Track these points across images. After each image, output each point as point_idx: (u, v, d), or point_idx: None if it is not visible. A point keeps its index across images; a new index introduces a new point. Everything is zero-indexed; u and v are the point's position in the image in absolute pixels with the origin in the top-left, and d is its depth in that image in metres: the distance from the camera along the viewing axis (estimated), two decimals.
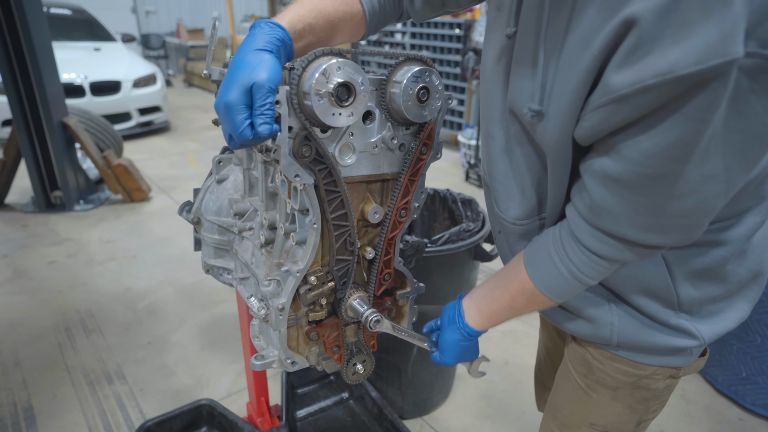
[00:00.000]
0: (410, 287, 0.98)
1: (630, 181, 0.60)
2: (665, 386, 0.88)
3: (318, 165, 0.76)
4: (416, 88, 0.76)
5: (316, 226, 0.80)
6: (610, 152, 0.61)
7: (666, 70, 0.49)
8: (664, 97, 0.52)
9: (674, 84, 0.49)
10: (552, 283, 0.76)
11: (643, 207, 0.62)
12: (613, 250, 0.68)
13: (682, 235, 0.65)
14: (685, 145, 0.54)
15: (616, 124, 0.58)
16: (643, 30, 0.51)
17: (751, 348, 1.93)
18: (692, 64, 0.48)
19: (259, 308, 0.86)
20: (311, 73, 0.69)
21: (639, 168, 0.58)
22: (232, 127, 0.67)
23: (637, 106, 0.54)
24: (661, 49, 0.49)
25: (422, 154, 0.85)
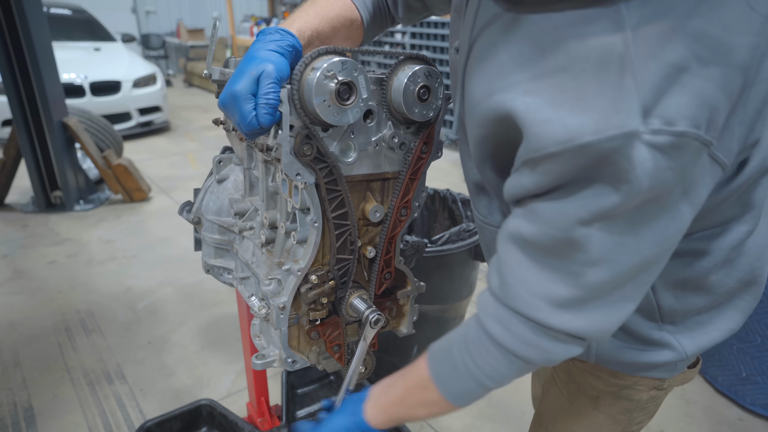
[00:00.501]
0: (411, 286, 0.98)
1: (543, 244, 0.59)
2: (649, 398, 0.85)
3: (319, 164, 0.76)
4: (417, 86, 0.76)
5: (317, 225, 0.80)
6: (528, 214, 0.60)
7: (566, 138, 0.51)
8: (571, 166, 0.52)
9: (577, 153, 0.51)
10: (448, 378, 0.69)
11: (557, 274, 0.59)
12: (516, 340, 0.63)
13: (601, 317, 0.61)
14: (598, 210, 0.54)
15: (532, 186, 0.57)
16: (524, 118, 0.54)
17: (751, 348, 1.93)
18: (590, 133, 0.50)
19: (260, 307, 0.86)
20: (313, 71, 0.69)
21: (552, 230, 0.57)
22: (240, 115, 0.69)
23: (546, 172, 0.55)
24: (561, 119, 0.51)
25: (423, 152, 0.85)
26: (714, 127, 0.50)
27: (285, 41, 0.73)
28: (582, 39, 0.51)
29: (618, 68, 0.49)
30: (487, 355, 0.65)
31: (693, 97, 0.49)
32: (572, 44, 0.52)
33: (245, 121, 0.69)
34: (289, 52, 0.72)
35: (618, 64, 0.49)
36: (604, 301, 0.60)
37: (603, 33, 0.50)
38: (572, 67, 0.52)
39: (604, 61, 0.50)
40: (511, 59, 0.58)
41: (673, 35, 0.48)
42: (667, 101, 0.48)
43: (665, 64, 0.48)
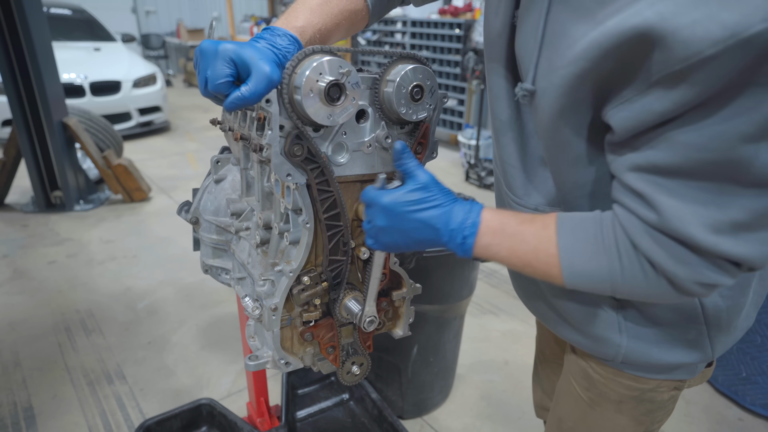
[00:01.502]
0: (406, 288, 0.97)
1: (691, 170, 0.52)
2: (669, 397, 0.86)
3: (310, 164, 0.76)
4: (410, 86, 0.76)
5: (309, 226, 0.80)
6: (658, 144, 0.53)
7: (727, 35, 0.44)
8: (734, 69, 0.45)
9: (742, 49, 0.44)
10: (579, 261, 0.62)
11: (711, 197, 0.53)
12: (673, 261, 0.57)
13: (761, 242, 0.54)
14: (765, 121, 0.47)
15: (670, 107, 0.50)
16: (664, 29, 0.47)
17: (751, 348, 1.92)
18: (760, 21, 0.43)
19: (254, 308, 0.86)
20: (302, 71, 0.69)
21: (701, 154, 0.50)
22: (214, 72, 0.67)
23: (696, 83, 0.47)
24: (714, 16, 0.44)
25: (417, 153, 0.85)
26: None
27: (290, 51, 0.72)
28: None
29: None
30: (636, 264, 0.60)
31: None
32: None
33: (216, 80, 0.67)
34: (285, 57, 0.72)
35: None
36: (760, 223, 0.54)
37: None
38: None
39: None
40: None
41: None
42: None
43: None
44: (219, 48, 0.67)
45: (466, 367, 2.23)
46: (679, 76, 0.48)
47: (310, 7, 0.81)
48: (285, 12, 0.82)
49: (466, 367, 2.23)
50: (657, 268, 0.59)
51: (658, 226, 0.57)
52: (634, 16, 0.49)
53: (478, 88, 5.04)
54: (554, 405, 1.00)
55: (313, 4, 0.82)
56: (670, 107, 0.50)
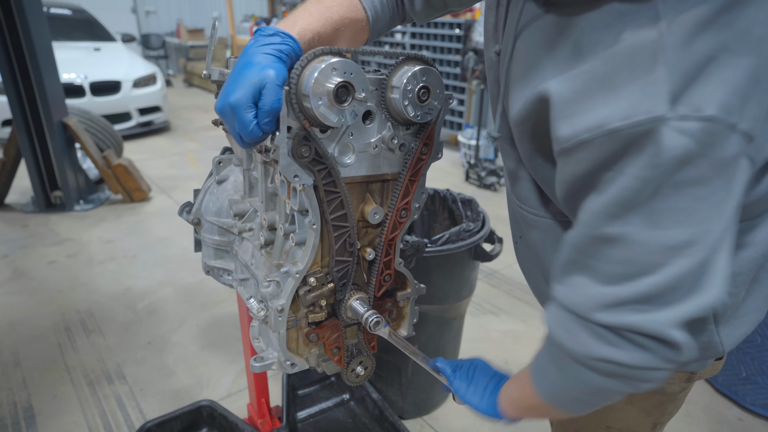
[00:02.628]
0: (411, 288, 0.97)
1: (583, 246, 0.60)
2: (681, 389, 0.87)
3: (317, 165, 0.76)
4: (417, 87, 0.76)
5: (316, 227, 0.80)
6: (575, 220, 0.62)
7: (596, 125, 0.53)
8: (601, 153, 0.54)
9: (606, 139, 0.53)
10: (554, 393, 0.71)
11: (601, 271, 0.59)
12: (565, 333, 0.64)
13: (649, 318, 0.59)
14: (625, 203, 0.54)
15: (568, 179, 0.59)
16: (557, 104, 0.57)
17: (751, 348, 1.92)
18: (619, 119, 0.52)
19: (259, 309, 0.86)
20: (310, 72, 0.69)
21: (590, 230, 0.58)
22: (241, 125, 0.68)
23: (579, 161, 0.56)
24: (594, 108, 0.54)
25: (423, 154, 0.85)
26: (749, 117, 0.51)
27: (285, 45, 0.71)
28: (618, 35, 0.54)
29: (651, 56, 0.51)
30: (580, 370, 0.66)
31: (724, 85, 0.50)
32: (609, 41, 0.54)
33: (247, 130, 0.68)
34: (288, 56, 0.71)
35: (651, 52, 0.51)
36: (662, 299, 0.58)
37: (639, 27, 0.52)
38: (610, 62, 0.54)
39: (637, 50, 0.52)
40: (552, 62, 0.61)
41: (705, 26, 0.50)
42: (696, 88, 0.50)
43: (697, 53, 0.50)
44: (231, 102, 0.67)
45: None
46: (568, 152, 0.57)
47: (309, 12, 0.81)
48: (285, 18, 0.82)
49: None
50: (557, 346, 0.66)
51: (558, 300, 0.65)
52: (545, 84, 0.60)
53: (478, 88, 5.04)
54: None
55: (313, 9, 0.82)
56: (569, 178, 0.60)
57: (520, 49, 0.68)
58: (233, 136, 0.71)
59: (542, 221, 0.82)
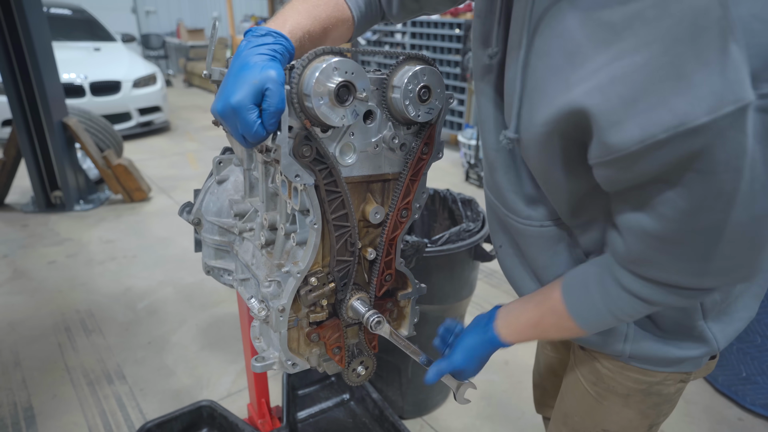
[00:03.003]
0: (412, 288, 0.97)
1: (674, 238, 0.58)
2: (676, 390, 0.88)
3: (318, 165, 0.76)
4: (417, 87, 0.76)
5: (317, 227, 0.80)
6: (644, 208, 0.58)
7: (676, 123, 0.47)
8: (680, 152, 0.49)
9: (687, 137, 0.48)
10: (585, 313, 0.72)
11: (692, 255, 0.59)
12: (663, 295, 0.65)
13: (743, 271, 0.62)
14: (724, 195, 0.52)
15: (634, 177, 0.55)
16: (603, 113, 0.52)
17: (751, 348, 1.92)
18: (704, 113, 0.46)
19: (260, 309, 0.86)
20: (311, 72, 0.69)
21: (680, 225, 0.56)
22: (245, 126, 0.67)
23: (652, 162, 0.51)
24: (664, 102, 0.48)
25: (423, 153, 0.85)
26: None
27: (279, 45, 0.71)
28: (665, 5, 0.47)
29: (719, 34, 0.45)
30: (628, 302, 0.67)
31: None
32: (650, 13, 0.47)
33: (251, 131, 0.67)
34: (282, 56, 0.71)
35: (718, 29, 0.45)
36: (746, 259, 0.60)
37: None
38: (661, 39, 0.47)
39: (701, 28, 0.45)
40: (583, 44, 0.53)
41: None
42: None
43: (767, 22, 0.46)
44: (233, 103, 0.66)
45: None
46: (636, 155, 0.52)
47: (297, 11, 0.82)
48: (273, 17, 0.82)
49: None
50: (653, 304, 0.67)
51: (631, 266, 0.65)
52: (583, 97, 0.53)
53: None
54: (559, 401, 1.01)
55: (300, 8, 0.82)
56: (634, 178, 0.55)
57: (540, 46, 0.61)
58: (235, 137, 0.71)
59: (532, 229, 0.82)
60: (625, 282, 0.66)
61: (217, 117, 0.71)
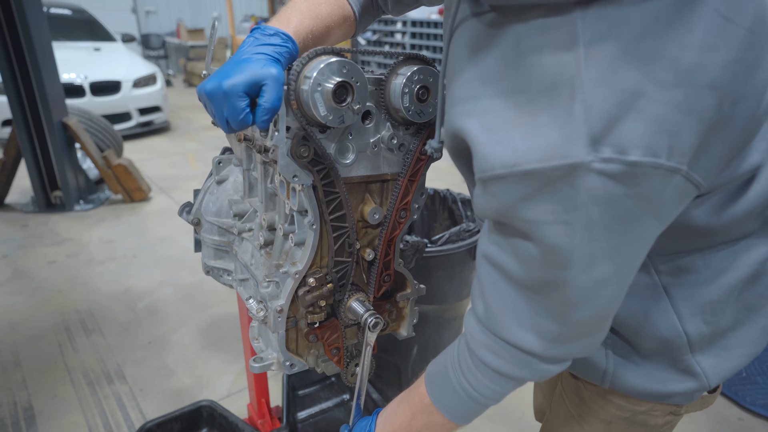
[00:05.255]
0: (411, 289, 0.97)
1: (527, 282, 0.57)
2: (665, 422, 0.81)
3: (316, 165, 0.76)
4: (416, 87, 0.76)
5: (315, 227, 0.79)
6: (502, 243, 0.58)
7: (512, 162, 0.50)
8: (516, 191, 0.51)
9: (521, 179, 0.50)
10: (449, 402, 0.69)
11: (543, 311, 0.58)
12: (509, 364, 0.63)
13: (586, 344, 0.62)
14: (558, 249, 0.52)
15: (487, 207, 0.56)
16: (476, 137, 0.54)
17: None
18: (536, 161, 0.49)
19: (258, 310, 0.86)
20: (309, 72, 0.69)
21: (530, 271, 0.56)
22: (232, 112, 0.67)
23: (495, 194, 0.54)
24: (511, 142, 0.51)
25: (422, 154, 0.85)
26: (679, 152, 0.47)
27: (285, 48, 0.72)
28: (539, 53, 0.49)
29: (569, 93, 0.47)
30: (483, 378, 0.66)
31: (649, 124, 0.46)
32: (530, 60, 0.50)
33: (237, 118, 0.67)
34: (286, 59, 0.71)
35: (569, 88, 0.47)
36: (589, 329, 0.60)
37: (558, 48, 0.48)
38: (529, 89, 0.50)
39: (557, 84, 0.48)
40: (477, 72, 0.57)
41: (625, 57, 0.45)
42: (619, 129, 0.46)
43: (617, 89, 0.46)
44: (225, 87, 0.66)
45: None
46: (485, 182, 0.54)
47: (300, 10, 0.81)
48: (276, 15, 0.82)
49: None
50: (502, 376, 0.65)
51: (486, 325, 0.63)
52: (464, 117, 0.56)
53: None
54: (548, 415, 0.98)
55: (303, 7, 0.82)
56: (487, 207, 0.56)
57: (452, 54, 0.63)
58: (218, 120, 0.70)
59: None
60: (477, 350, 0.65)
61: (203, 97, 0.70)
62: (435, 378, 0.72)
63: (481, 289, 0.64)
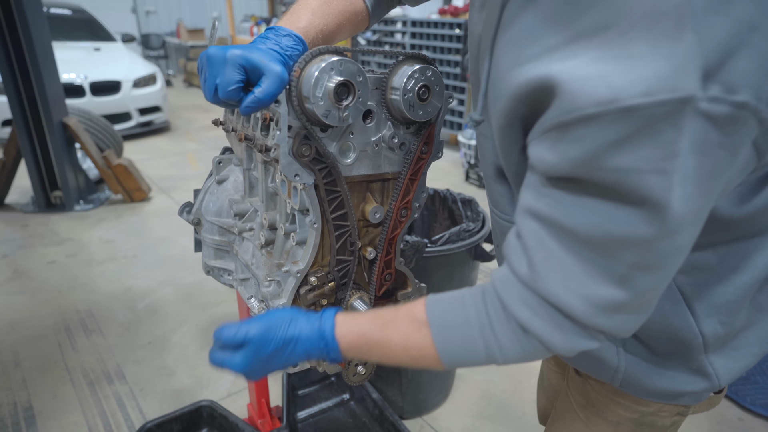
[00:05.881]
0: (412, 288, 0.97)
1: (593, 240, 0.51)
2: (672, 423, 0.81)
3: (318, 164, 0.76)
4: (417, 86, 0.76)
5: (317, 226, 0.80)
6: (562, 198, 0.52)
7: (609, 98, 0.44)
8: (608, 134, 0.45)
9: (618, 117, 0.44)
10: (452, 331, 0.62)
11: (604, 273, 0.52)
12: (543, 324, 0.56)
13: (631, 320, 0.56)
14: (651, 205, 0.46)
15: (555, 160, 0.50)
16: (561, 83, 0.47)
17: None
18: (640, 95, 0.42)
19: (260, 309, 0.86)
20: (311, 71, 0.69)
21: (603, 227, 0.50)
22: (224, 80, 0.67)
23: (577, 140, 0.47)
24: (605, 77, 0.44)
25: (423, 153, 0.85)
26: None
27: (295, 51, 0.72)
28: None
29: (676, 21, 0.42)
30: (509, 332, 0.59)
31: (761, 63, 0.42)
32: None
33: (227, 87, 0.67)
34: (294, 62, 0.72)
35: (676, 16, 0.42)
36: (646, 301, 0.55)
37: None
38: (618, 22, 0.44)
39: (659, 13, 0.42)
40: (544, 20, 0.51)
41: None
42: (732, 64, 0.42)
43: (733, 19, 0.42)
44: (227, 54, 0.66)
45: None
46: (566, 127, 0.47)
47: (311, 8, 0.81)
48: (286, 12, 0.81)
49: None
50: (530, 334, 0.58)
51: (529, 284, 0.56)
52: (542, 67, 0.50)
53: None
54: (552, 417, 0.97)
55: (314, 5, 0.82)
56: (556, 160, 0.50)
57: (508, 14, 0.57)
58: (207, 86, 0.70)
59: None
60: (511, 304, 0.58)
61: (202, 59, 0.70)
62: (443, 300, 0.64)
63: (522, 246, 0.57)
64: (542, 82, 0.49)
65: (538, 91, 0.50)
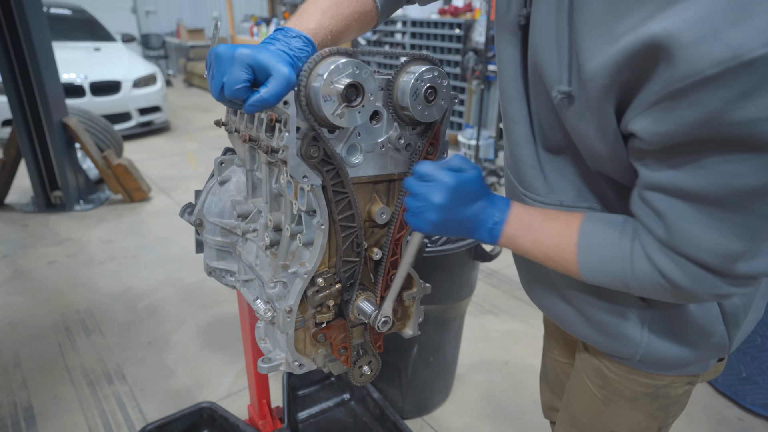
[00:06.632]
0: (417, 288, 0.98)
1: (717, 197, 0.52)
2: (683, 392, 0.87)
3: (326, 166, 0.76)
4: (424, 87, 0.76)
5: (324, 228, 0.80)
6: (685, 167, 0.53)
7: (730, 55, 0.43)
8: (731, 90, 0.45)
9: (739, 72, 0.43)
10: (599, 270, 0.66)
11: (736, 227, 0.53)
12: (690, 278, 0.59)
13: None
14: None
15: (672, 128, 0.50)
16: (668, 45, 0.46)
17: (751, 348, 1.93)
18: (761, 45, 0.42)
19: (266, 310, 0.86)
20: (320, 72, 0.69)
21: (727, 180, 0.50)
22: (231, 78, 0.67)
23: (695, 104, 0.47)
24: (718, 35, 0.44)
25: (429, 153, 0.85)
26: None
27: (304, 53, 0.72)
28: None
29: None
30: (649, 275, 0.62)
31: None
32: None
33: (233, 86, 0.67)
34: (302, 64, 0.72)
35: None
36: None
37: None
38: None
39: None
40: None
41: None
42: None
43: None
44: (236, 53, 0.67)
45: (466, 367, 2.24)
46: (681, 94, 0.47)
47: (321, 9, 0.81)
48: (296, 13, 0.81)
49: (466, 367, 2.24)
50: (672, 283, 0.61)
51: (668, 244, 0.59)
52: (643, 30, 0.49)
53: (478, 88, 5.05)
54: (566, 403, 1.00)
55: (324, 5, 0.82)
56: (673, 128, 0.50)
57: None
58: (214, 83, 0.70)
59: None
60: (658, 261, 0.61)
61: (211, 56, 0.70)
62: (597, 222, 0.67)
63: (655, 212, 0.59)
64: (647, 47, 0.48)
65: (643, 56, 0.50)
